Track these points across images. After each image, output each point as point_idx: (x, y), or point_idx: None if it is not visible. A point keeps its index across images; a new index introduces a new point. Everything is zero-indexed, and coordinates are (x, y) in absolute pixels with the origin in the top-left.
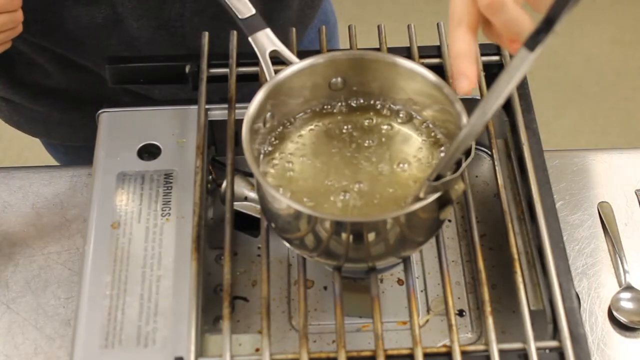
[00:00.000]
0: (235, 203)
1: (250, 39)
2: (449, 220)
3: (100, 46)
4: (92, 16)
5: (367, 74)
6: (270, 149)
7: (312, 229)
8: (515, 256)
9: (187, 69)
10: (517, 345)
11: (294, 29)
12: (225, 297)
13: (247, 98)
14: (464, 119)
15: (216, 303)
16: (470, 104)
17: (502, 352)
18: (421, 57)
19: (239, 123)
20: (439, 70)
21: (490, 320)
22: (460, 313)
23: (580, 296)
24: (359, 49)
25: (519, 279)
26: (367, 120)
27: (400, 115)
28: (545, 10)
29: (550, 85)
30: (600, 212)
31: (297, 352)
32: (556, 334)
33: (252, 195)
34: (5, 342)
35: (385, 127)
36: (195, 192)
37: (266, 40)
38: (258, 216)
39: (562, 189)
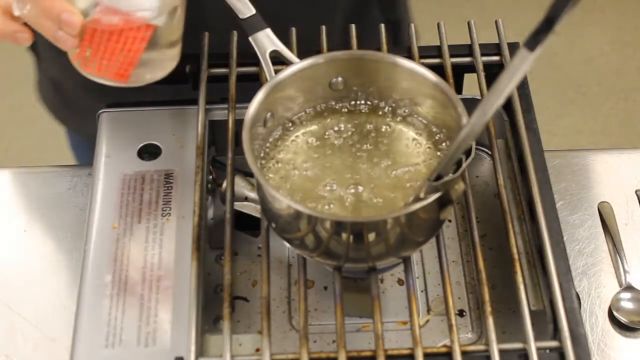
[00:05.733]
0: (235, 203)
1: (250, 39)
2: (449, 220)
3: None
4: None
5: (367, 74)
6: (270, 149)
7: (312, 229)
8: (516, 256)
9: (187, 69)
10: (517, 345)
11: (294, 29)
12: (226, 297)
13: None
14: (464, 119)
15: (216, 303)
16: (470, 104)
17: (502, 352)
18: (421, 57)
19: (239, 123)
20: (439, 70)
21: (490, 320)
22: (461, 313)
23: (580, 296)
24: (359, 49)
25: (519, 279)
26: (367, 121)
27: (401, 115)
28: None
29: (550, 85)
30: (601, 212)
31: (298, 352)
32: (556, 334)
33: (252, 195)
34: (5, 342)
35: (385, 127)
36: (195, 192)
37: (266, 40)
38: (258, 216)
39: (562, 189)
